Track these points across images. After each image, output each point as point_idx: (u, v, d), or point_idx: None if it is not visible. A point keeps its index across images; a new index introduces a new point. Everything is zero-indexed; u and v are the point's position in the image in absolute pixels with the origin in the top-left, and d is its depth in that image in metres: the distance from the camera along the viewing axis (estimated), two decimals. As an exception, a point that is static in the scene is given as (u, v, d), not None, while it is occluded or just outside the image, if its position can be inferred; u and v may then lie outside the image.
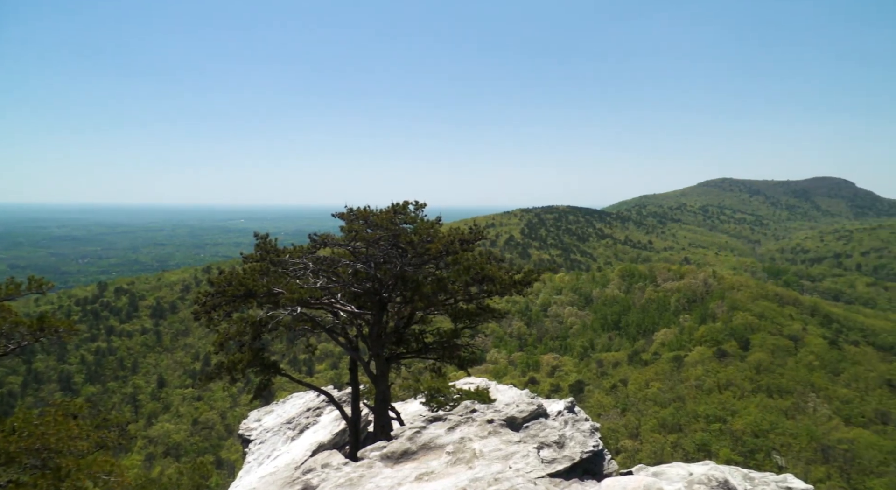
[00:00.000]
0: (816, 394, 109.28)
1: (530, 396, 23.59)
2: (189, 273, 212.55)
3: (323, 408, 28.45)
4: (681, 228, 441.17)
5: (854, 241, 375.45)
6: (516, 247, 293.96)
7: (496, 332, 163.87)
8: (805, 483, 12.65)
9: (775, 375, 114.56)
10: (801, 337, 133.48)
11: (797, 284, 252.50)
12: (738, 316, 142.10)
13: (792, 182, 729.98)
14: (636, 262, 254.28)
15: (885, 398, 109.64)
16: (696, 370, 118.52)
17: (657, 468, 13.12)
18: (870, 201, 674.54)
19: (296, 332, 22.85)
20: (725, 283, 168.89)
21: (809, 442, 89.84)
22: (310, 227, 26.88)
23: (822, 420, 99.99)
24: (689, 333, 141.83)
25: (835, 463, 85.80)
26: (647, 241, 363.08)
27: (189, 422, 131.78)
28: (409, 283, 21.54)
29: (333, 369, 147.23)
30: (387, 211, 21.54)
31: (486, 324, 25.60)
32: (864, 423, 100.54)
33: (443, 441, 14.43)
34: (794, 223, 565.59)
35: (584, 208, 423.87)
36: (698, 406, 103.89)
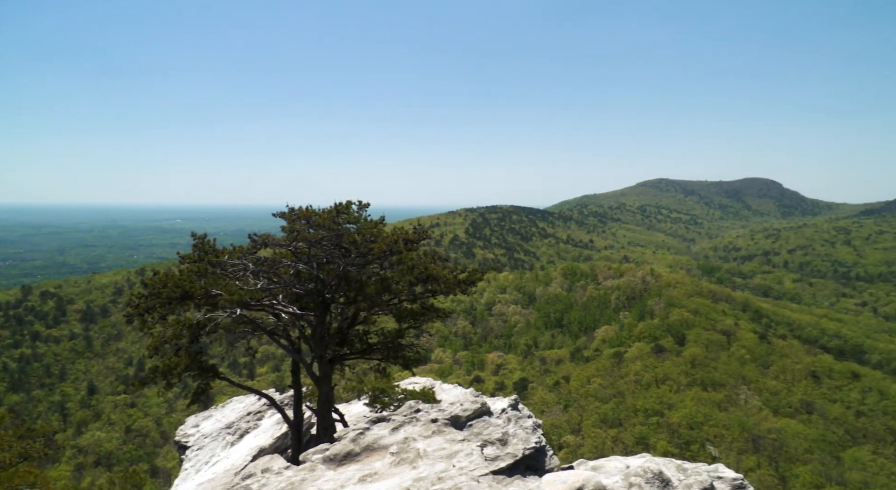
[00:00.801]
0: (747, 386, 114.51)
1: (475, 395, 23.75)
2: (121, 275, 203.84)
3: (264, 411, 27.83)
4: (620, 228, 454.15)
5: (782, 240, 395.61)
6: (461, 246, 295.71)
7: (441, 332, 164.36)
8: (735, 472, 13.23)
9: (709, 369, 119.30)
10: (734, 332, 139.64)
11: (729, 281, 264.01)
12: (675, 312, 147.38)
13: (724, 183, 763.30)
14: (578, 261, 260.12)
15: (809, 389, 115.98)
16: (636, 366, 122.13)
17: (596, 462, 13.45)
18: (795, 201, 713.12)
19: (236, 334, 22.26)
20: (662, 281, 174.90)
21: (741, 432, 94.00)
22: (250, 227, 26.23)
23: (752, 411, 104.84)
24: (629, 330, 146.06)
25: (764, 452, 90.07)
26: (589, 240, 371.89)
27: (122, 429, 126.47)
28: (352, 283, 21.33)
29: (275, 372, 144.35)
30: (329, 211, 21.24)
31: (431, 323, 25.63)
32: (790, 413, 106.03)
33: (387, 441, 14.35)
34: (726, 222, 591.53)
35: (528, 208, 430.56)
36: (637, 400, 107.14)
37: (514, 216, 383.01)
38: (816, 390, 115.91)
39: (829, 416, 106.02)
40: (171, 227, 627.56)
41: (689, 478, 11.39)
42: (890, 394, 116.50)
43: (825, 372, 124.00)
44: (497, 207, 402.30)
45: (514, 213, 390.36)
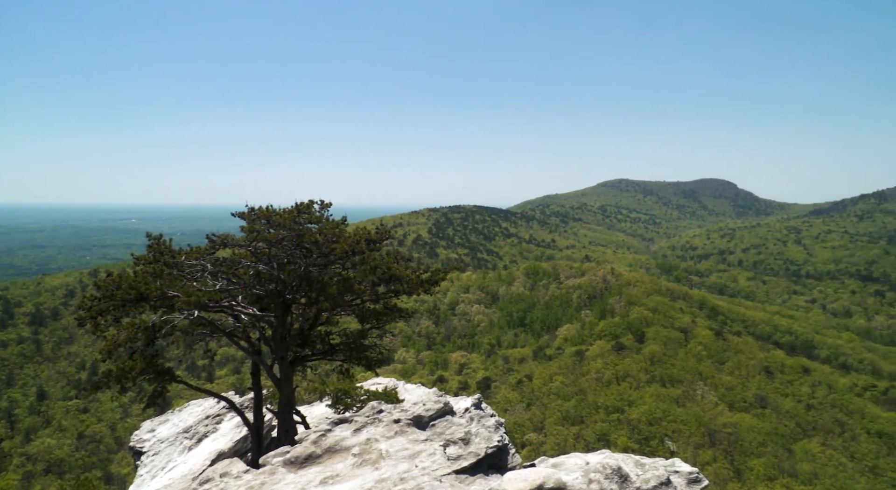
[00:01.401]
0: (704, 382, 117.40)
1: (438, 395, 23.76)
2: (73, 277, 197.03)
3: (223, 415, 27.28)
4: (582, 227, 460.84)
5: (736, 239, 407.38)
6: (424, 246, 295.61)
7: (404, 332, 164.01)
8: (691, 466, 13.56)
9: (667, 366, 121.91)
10: (691, 329, 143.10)
11: (687, 280, 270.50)
12: (635, 310, 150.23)
13: (681, 183, 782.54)
14: (540, 261, 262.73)
15: (763, 384, 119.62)
16: (597, 363, 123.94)
17: (557, 459, 13.61)
18: (749, 201, 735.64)
19: (193, 336, 21.75)
20: (623, 280, 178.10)
21: (698, 427, 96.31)
22: (208, 227, 25.66)
23: (708, 406, 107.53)
24: (590, 328, 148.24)
25: (720, 446, 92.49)
26: (551, 239, 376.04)
27: (74, 436, 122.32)
28: (314, 283, 21.09)
29: (235, 374, 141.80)
30: (290, 210, 20.96)
31: (394, 323, 25.54)
32: (745, 407, 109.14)
33: (349, 443, 14.22)
34: (683, 222, 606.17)
35: (491, 208, 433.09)
36: (598, 398, 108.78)
37: (477, 216, 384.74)
38: (769, 385, 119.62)
39: (782, 409, 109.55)
40: (125, 228, 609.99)
41: (646, 473, 11.63)
42: (838, 387, 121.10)
43: (778, 367, 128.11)
44: (460, 207, 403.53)
45: (477, 213, 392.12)
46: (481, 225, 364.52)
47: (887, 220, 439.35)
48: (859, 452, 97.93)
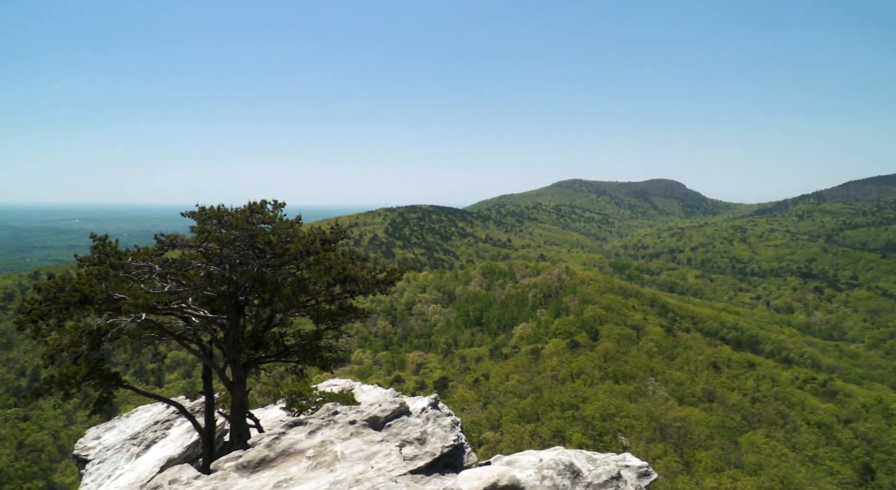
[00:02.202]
0: (655, 378, 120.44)
1: (394, 395, 23.70)
2: (12, 279, 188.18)
3: (173, 420, 26.53)
4: (537, 227, 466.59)
5: (685, 238, 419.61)
6: (380, 246, 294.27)
7: (361, 332, 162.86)
8: (641, 460, 13.93)
9: (620, 363, 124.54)
10: (642, 326, 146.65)
11: (639, 278, 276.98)
12: (589, 309, 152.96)
13: (633, 183, 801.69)
14: (496, 260, 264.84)
15: (710, 378, 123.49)
16: (552, 361, 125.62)
17: (511, 457, 13.77)
18: (697, 201, 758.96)
19: (142, 340, 21.09)
20: (577, 279, 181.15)
21: (649, 422, 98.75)
22: (157, 227, 24.84)
23: (659, 401, 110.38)
24: (546, 327, 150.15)
25: (670, 439, 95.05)
26: (507, 239, 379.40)
27: (13, 445, 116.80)
28: (267, 284, 20.75)
29: (186, 378, 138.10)
30: (243, 210, 20.57)
31: (350, 324, 25.38)
32: (694, 401, 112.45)
33: (303, 445, 14.06)
34: (635, 221, 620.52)
35: (447, 208, 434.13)
36: (554, 395, 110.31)
37: (434, 216, 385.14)
38: (717, 380, 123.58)
39: (728, 403, 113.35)
40: (68, 228, 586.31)
41: (598, 468, 11.90)
42: (780, 381, 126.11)
43: (724, 362, 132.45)
44: (417, 207, 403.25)
45: (434, 213, 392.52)
46: (438, 225, 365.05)
47: (825, 219, 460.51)
48: (800, 443, 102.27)
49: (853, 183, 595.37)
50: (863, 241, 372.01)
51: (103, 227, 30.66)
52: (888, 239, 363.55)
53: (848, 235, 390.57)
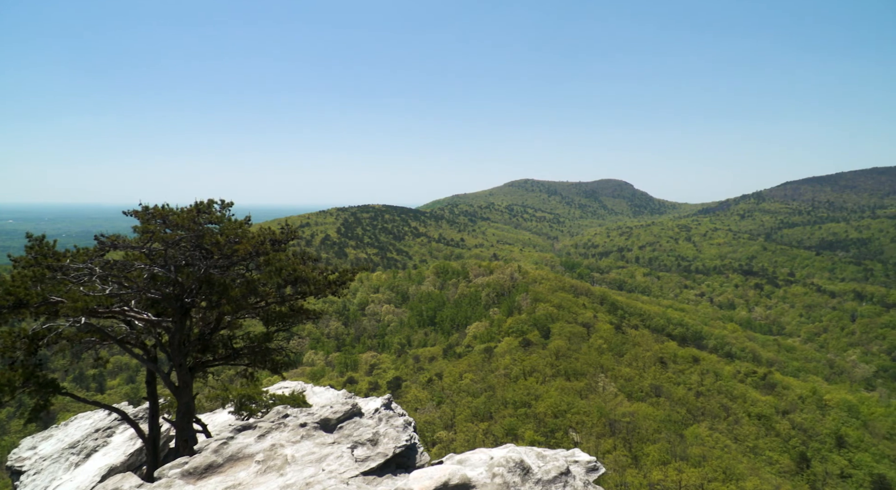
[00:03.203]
0: (605, 374, 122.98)
1: (347, 396, 23.54)
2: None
3: (115, 427, 25.62)
4: (490, 226, 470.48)
5: (633, 237, 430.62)
6: (333, 246, 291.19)
7: (313, 334, 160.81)
8: (589, 456, 14.24)
9: (571, 360, 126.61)
10: (593, 324, 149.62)
11: (589, 276, 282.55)
12: (541, 307, 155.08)
13: (583, 183, 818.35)
14: (450, 260, 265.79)
15: (658, 374, 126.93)
16: (505, 360, 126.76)
17: (462, 455, 13.86)
18: (645, 201, 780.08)
19: (81, 344, 20.28)
20: (529, 278, 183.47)
21: (599, 418, 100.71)
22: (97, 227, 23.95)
23: (609, 397, 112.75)
24: (499, 325, 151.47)
25: (619, 434, 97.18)
26: (460, 238, 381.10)
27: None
28: (215, 286, 20.25)
29: (129, 384, 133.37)
30: (189, 210, 20.00)
31: (302, 325, 25.01)
32: (642, 397, 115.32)
33: (252, 450, 13.80)
34: (585, 220, 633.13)
35: (400, 207, 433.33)
36: (507, 393, 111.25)
37: (387, 215, 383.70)
38: (664, 375, 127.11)
39: (674, 397, 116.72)
40: (0, 229, 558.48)
41: (547, 464, 12.10)
42: (723, 375, 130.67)
43: (671, 358, 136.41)
44: (369, 207, 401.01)
45: (387, 213, 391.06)
46: (391, 224, 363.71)
47: (765, 218, 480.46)
48: (742, 434, 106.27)
49: (790, 183, 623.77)
50: (799, 239, 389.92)
51: (40, 228, 29.20)
52: (822, 237, 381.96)
53: (785, 234, 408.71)
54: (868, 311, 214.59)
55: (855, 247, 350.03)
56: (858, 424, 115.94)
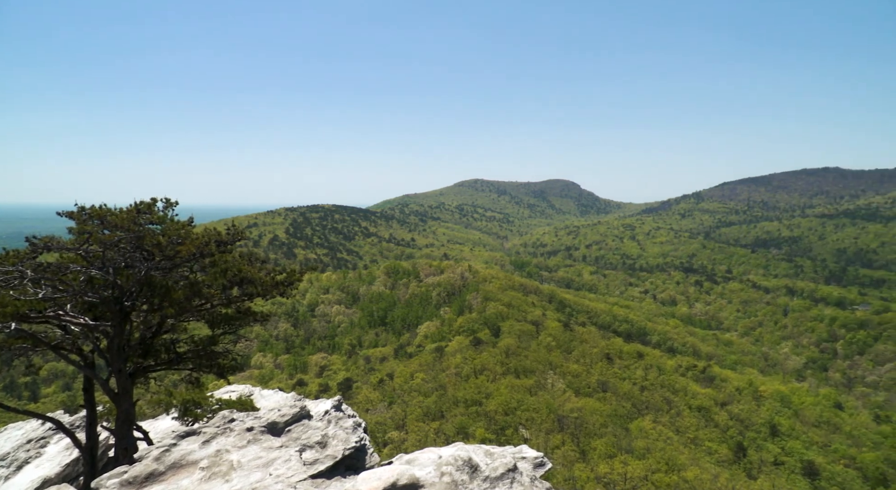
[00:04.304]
0: (554, 371, 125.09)
1: (296, 399, 23.21)
2: None
3: (50, 437, 24.48)
4: (440, 226, 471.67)
5: (580, 236, 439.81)
6: (281, 247, 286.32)
7: (261, 336, 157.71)
8: (537, 452, 14.51)
9: (521, 358, 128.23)
10: (542, 321, 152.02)
11: (538, 275, 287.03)
12: (491, 306, 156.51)
13: (532, 183, 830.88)
14: (400, 260, 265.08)
15: (604, 369, 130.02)
16: (456, 359, 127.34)
17: (411, 455, 13.90)
18: (591, 201, 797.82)
19: (12, 351, 19.32)
20: (479, 277, 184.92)
21: (548, 414, 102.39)
22: (29, 229, 22.72)
23: (558, 394, 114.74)
24: (449, 325, 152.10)
25: (568, 430, 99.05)
26: (411, 238, 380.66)
27: None
28: (157, 288, 19.62)
29: (66, 391, 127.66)
30: (129, 210, 19.30)
31: (249, 327, 24.51)
32: (589, 392, 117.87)
33: (197, 456, 13.46)
34: (534, 220, 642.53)
35: (350, 207, 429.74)
36: (458, 392, 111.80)
37: (337, 215, 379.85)
38: (610, 370, 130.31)
39: (620, 392, 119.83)
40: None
41: (495, 461, 12.28)
42: (666, 369, 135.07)
43: (616, 354, 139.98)
44: (319, 207, 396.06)
45: (337, 213, 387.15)
46: (341, 224, 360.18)
47: (704, 217, 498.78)
48: (683, 426, 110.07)
49: (727, 184, 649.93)
50: (736, 237, 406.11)
51: (-36, 229, 27.60)
52: (757, 236, 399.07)
53: (723, 232, 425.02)
54: (798, 306, 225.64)
55: (787, 244, 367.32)
56: (790, 414, 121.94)
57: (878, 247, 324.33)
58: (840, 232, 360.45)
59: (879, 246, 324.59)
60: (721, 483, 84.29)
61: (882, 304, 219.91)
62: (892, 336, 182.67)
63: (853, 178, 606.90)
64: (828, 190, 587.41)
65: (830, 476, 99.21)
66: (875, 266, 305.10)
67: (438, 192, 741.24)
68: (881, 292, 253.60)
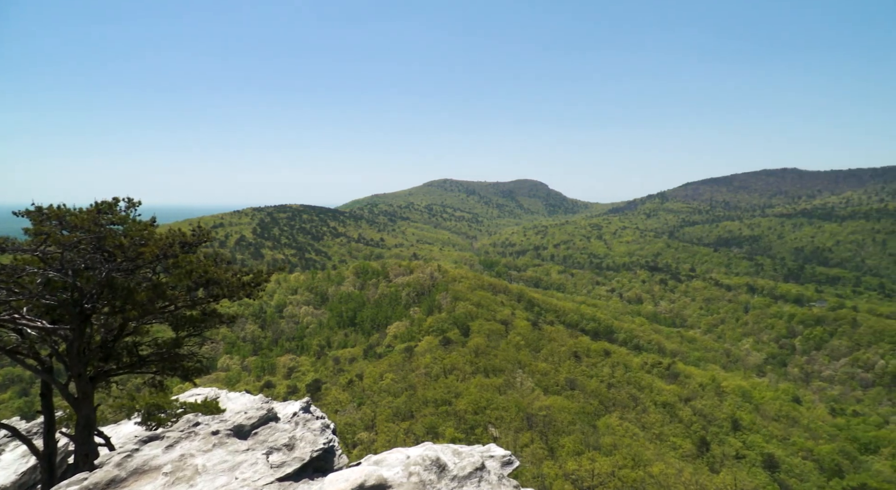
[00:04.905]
0: (522, 370, 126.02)
1: (263, 401, 22.90)
2: None
3: (5, 445, 23.70)
4: (409, 226, 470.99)
5: (549, 236, 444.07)
6: (248, 247, 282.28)
7: (228, 338, 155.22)
8: (505, 450, 14.63)
9: (490, 357, 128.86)
10: (511, 321, 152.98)
11: (507, 275, 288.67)
12: (460, 306, 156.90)
13: (500, 183, 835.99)
14: (369, 260, 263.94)
15: (572, 367, 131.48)
16: (425, 358, 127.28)
17: (379, 456, 13.87)
18: (559, 201, 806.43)
19: (-36, 357, 18.67)
20: (448, 277, 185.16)
21: (517, 413, 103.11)
22: (-19, 229, 21.82)
23: (527, 392, 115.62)
24: (419, 325, 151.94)
25: (536, 428, 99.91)
26: (380, 238, 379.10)
27: None
28: (118, 290, 19.15)
29: (23, 397, 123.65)
30: (89, 210, 18.80)
31: (216, 329, 24.09)
32: (558, 390, 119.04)
33: (160, 461, 13.20)
34: (503, 220, 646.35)
35: (318, 207, 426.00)
36: (427, 392, 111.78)
37: (305, 215, 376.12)
38: (578, 368, 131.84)
39: (588, 389, 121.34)
40: None
41: (463, 460, 12.34)
42: (632, 367, 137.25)
43: (584, 352, 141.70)
44: (286, 207, 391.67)
45: (305, 213, 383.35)
46: (309, 224, 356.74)
47: (668, 217, 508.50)
48: (649, 422, 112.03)
49: (690, 184, 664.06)
50: (699, 236, 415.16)
51: (-87, 229, 26.47)
52: (719, 235, 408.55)
53: (687, 231, 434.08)
54: (759, 303, 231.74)
55: (747, 243, 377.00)
56: (751, 408, 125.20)
57: (833, 245, 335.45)
58: (798, 231, 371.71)
59: (834, 244, 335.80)
60: (685, 477, 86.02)
61: (837, 300, 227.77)
62: (846, 332, 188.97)
63: (810, 179, 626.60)
64: (786, 190, 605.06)
65: (789, 468, 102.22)
66: (830, 264, 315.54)
67: (407, 192, 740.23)
68: (836, 289, 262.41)
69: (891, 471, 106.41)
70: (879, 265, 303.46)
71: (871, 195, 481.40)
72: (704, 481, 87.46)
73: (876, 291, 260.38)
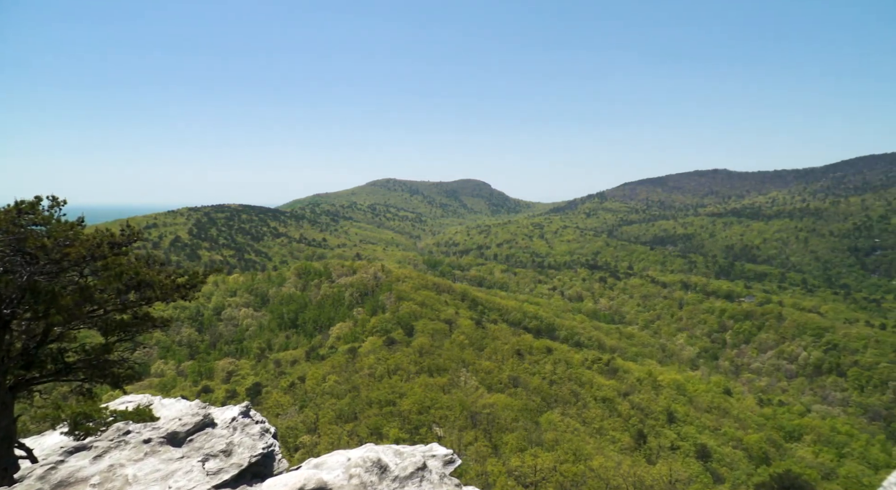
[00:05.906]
0: (466, 368, 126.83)
1: (200, 406, 22.20)
2: None
3: (-85, 461, 22.12)
4: (352, 226, 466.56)
5: (492, 235, 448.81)
6: (184, 248, 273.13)
7: (162, 342, 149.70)
8: (447, 449, 14.71)
9: (435, 356, 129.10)
10: (455, 320, 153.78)
11: (451, 274, 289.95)
12: (404, 306, 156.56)
13: (444, 183, 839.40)
14: (312, 260, 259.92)
15: (515, 365, 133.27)
16: (369, 359, 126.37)
17: (320, 459, 13.69)
18: (502, 200, 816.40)
19: None
20: (393, 276, 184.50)
21: (462, 411, 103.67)
22: None
23: (471, 391, 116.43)
24: (363, 325, 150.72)
25: (480, 426, 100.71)
26: (322, 238, 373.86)
27: None
28: (41, 294, 18.14)
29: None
30: (8, 209, 17.77)
31: (149, 334, 23.18)
32: (501, 388, 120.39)
33: (87, 473, 12.61)
34: (447, 219, 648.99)
35: (258, 207, 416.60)
36: (371, 393, 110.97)
37: (244, 215, 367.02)
38: (521, 366, 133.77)
39: (530, 387, 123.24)
40: None
41: (405, 461, 12.33)
42: (573, 363, 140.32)
43: (527, 349, 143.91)
44: (224, 206, 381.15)
45: (244, 213, 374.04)
46: (248, 225, 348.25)
47: (607, 216, 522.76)
48: (589, 417, 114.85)
49: (628, 184, 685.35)
50: (636, 235, 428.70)
51: None
52: (655, 233, 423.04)
53: (625, 230, 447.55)
54: (692, 299, 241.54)
55: (681, 241, 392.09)
56: (685, 401, 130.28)
57: (760, 243, 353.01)
58: (728, 230, 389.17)
59: (762, 242, 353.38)
60: (624, 470, 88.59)
61: (764, 296, 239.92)
62: (772, 326, 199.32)
63: (739, 180, 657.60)
64: (717, 190, 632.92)
65: (720, 457, 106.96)
66: (758, 261, 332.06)
67: (350, 191, 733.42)
68: (763, 285, 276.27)
69: (812, 457, 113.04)
70: (802, 261, 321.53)
71: (795, 195, 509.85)
72: (642, 473, 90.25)
73: (799, 286, 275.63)
